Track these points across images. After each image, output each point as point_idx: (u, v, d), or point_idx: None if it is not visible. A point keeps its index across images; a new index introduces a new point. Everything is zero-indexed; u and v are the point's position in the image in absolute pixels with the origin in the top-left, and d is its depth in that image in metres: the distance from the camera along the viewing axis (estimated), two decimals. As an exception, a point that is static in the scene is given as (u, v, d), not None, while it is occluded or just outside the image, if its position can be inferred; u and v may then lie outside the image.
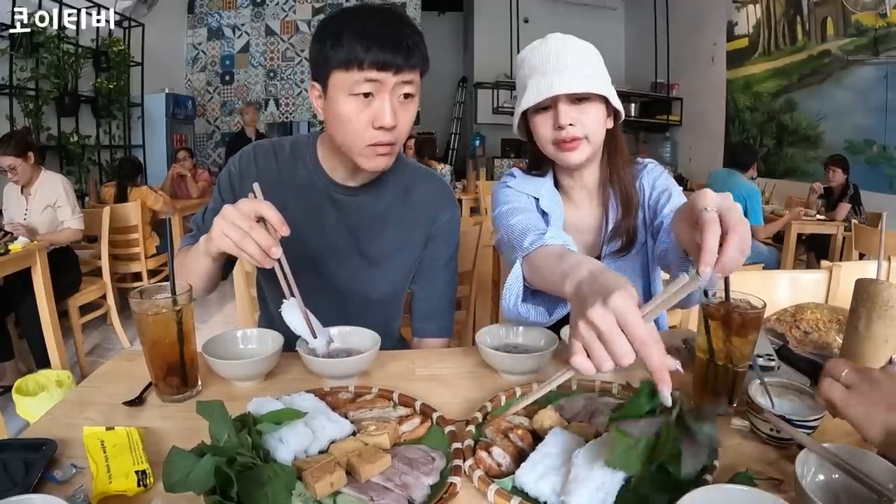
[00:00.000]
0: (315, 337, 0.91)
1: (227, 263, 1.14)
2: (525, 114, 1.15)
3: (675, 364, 0.60)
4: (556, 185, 1.26)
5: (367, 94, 0.94)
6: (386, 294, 1.21)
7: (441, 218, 1.19)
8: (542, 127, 1.12)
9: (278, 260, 0.85)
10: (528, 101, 1.09)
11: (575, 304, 0.73)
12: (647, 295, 1.26)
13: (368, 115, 0.95)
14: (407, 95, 0.97)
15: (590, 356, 0.62)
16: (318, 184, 1.12)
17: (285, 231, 0.83)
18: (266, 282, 1.24)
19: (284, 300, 0.92)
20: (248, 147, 1.16)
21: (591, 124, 1.10)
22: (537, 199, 1.21)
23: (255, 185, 0.89)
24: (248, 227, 0.81)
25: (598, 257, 1.23)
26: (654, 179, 1.21)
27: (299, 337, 0.93)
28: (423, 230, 1.19)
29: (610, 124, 1.16)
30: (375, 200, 1.15)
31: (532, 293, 1.03)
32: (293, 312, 0.91)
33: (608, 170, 1.20)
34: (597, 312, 0.60)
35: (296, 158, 1.14)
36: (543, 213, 1.20)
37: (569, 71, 1.07)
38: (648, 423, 0.59)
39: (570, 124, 1.08)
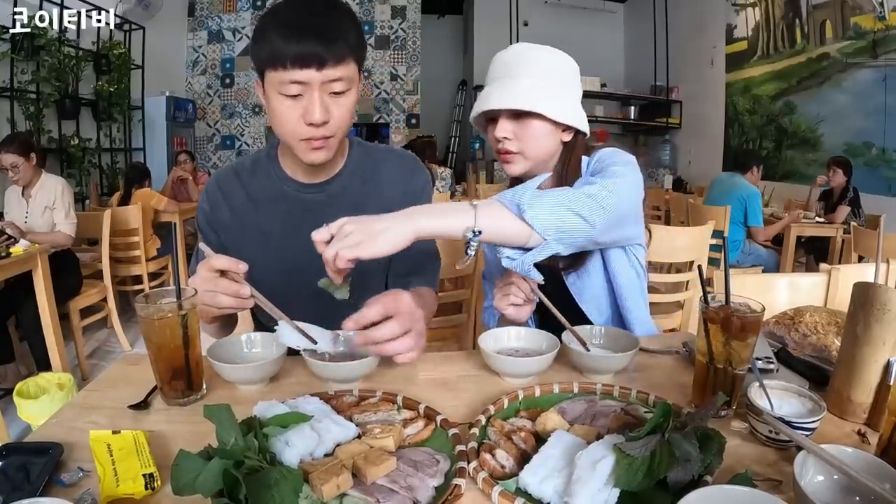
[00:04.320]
0: (316, 342, 0.92)
1: None
2: None
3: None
4: None
5: (295, 96, 0.95)
6: (380, 282, 1.20)
7: (416, 183, 1.21)
8: (490, 136, 1.16)
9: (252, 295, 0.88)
10: (473, 111, 1.16)
11: None
12: (615, 306, 1.22)
13: (299, 111, 0.96)
14: (337, 93, 0.97)
15: None
16: (286, 191, 1.13)
17: (243, 268, 0.86)
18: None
19: (276, 328, 0.92)
20: (212, 178, 1.18)
21: (528, 140, 1.11)
22: None
23: (201, 245, 0.91)
24: (214, 286, 0.85)
25: (556, 262, 1.17)
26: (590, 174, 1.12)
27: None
28: (403, 202, 1.17)
29: (567, 138, 1.15)
30: (347, 190, 1.15)
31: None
32: (287, 333, 0.91)
33: (560, 182, 1.16)
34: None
35: (259, 173, 1.15)
36: None
37: (513, 84, 1.09)
38: (646, 443, 0.62)
39: (506, 138, 1.11)
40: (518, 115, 1.10)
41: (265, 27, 0.94)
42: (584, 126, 1.14)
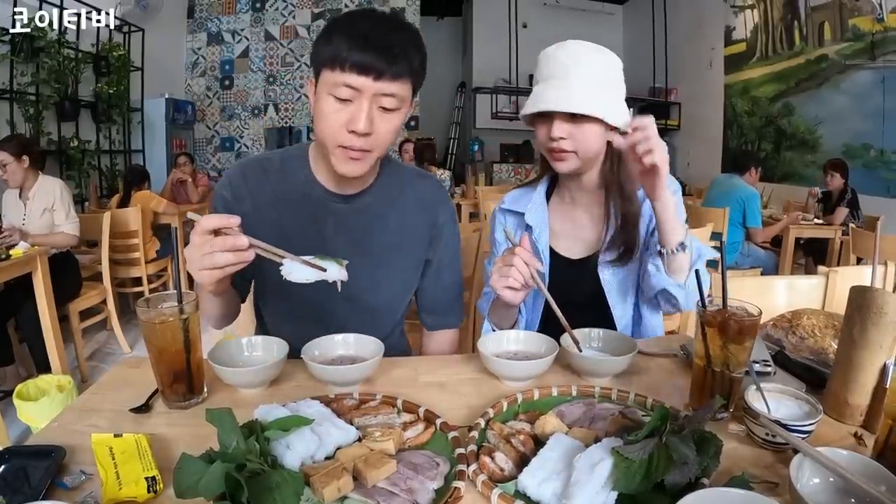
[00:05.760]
0: (325, 270, 0.90)
1: (241, 286, 1.17)
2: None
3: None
4: (555, 183, 1.33)
5: (345, 100, 0.94)
6: (391, 296, 1.22)
7: (441, 218, 1.22)
8: (540, 134, 1.18)
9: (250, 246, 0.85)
10: (527, 108, 1.15)
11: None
12: (637, 306, 1.27)
13: (345, 116, 0.95)
14: (387, 109, 0.97)
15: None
16: (313, 195, 1.12)
17: (235, 221, 0.83)
18: (264, 302, 1.25)
19: (280, 268, 0.88)
20: (236, 168, 1.15)
21: (584, 141, 1.13)
22: (523, 215, 1.29)
23: (190, 213, 0.90)
24: (210, 247, 0.82)
25: (595, 256, 1.24)
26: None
27: (304, 344, 0.94)
28: (424, 229, 1.21)
29: (612, 138, 1.17)
30: (371, 204, 1.15)
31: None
32: (294, 270, 0.88)
33: (610, 180, 1.22)
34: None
35: (288, 172, 1.13)
36: (528, 227, 1.28)
37: (571, 86, 1.10)
38: (643, 446, 0.63)
39: (562, 138, 1.13)
40: (574, 116, 1.12)
41: (333, 29, 0.94)
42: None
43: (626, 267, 1.23)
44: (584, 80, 1.11)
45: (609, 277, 1.24)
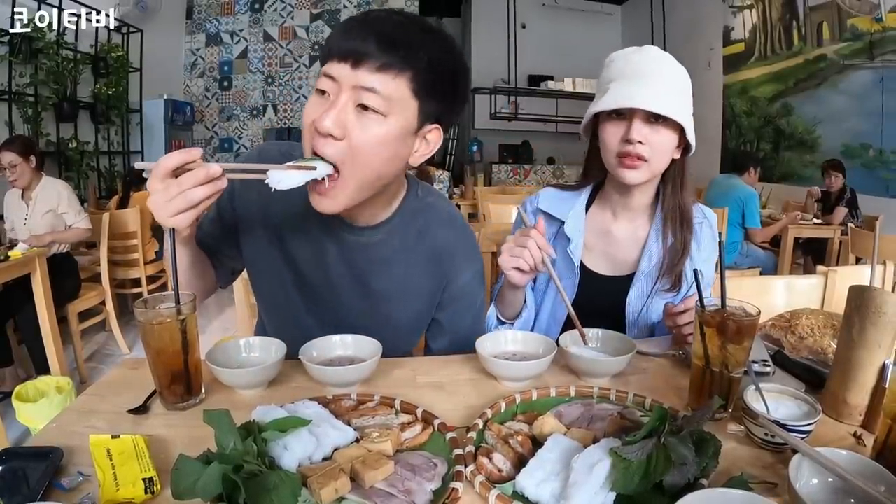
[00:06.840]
0: (315, 167, 0.81)
1: (222, 270, 1.11)
2: (597, 115, 1.13)
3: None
4: (596, 193, 1.27)
5: (323, 92, 0.82)
6: (389, 337, 1.06)
7: (459, 279, 1.10)
8: (611, 135, 1.10)
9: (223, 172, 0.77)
10: (605, 103, 1.07)
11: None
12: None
13: (316, 113, 0.81)
14: (367, 107, 0.80)
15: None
16: (323, 214, 0.97)
17: (197, 153, 0.74)
18: (262, 299, 1.18)
19: (267, 181, 0.79)
20: (256, 150, 1.07)
21: (659, 148, 1.09)
22: (562, 223, 1.22)
23: (138, 164, 0.79)
24: (178, 187, 0.73)
25: (630, 277, 1.21)
26: (706, 256, 1.22)
27: (302, 345, 0.94)
28: (436, 281, 1.09)
29: (677, 155, 1.15)
30: (378, 244, 1.04)
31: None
32: (283, 178, 0.79)
33: (669, 203, 1.19)
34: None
35: None
36: (566, 238, 1.22)
37: (655, 88, 1.06)
38: (642, 446, 0.62)
39: (640, 142, 1.07)
40: (653, 119, 1.07)
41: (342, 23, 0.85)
42: (694, 144, 1.14)
43: (652, 307, 1.21)
44: (664, 82, 1.07)
45: (635, 304, 1.21)
